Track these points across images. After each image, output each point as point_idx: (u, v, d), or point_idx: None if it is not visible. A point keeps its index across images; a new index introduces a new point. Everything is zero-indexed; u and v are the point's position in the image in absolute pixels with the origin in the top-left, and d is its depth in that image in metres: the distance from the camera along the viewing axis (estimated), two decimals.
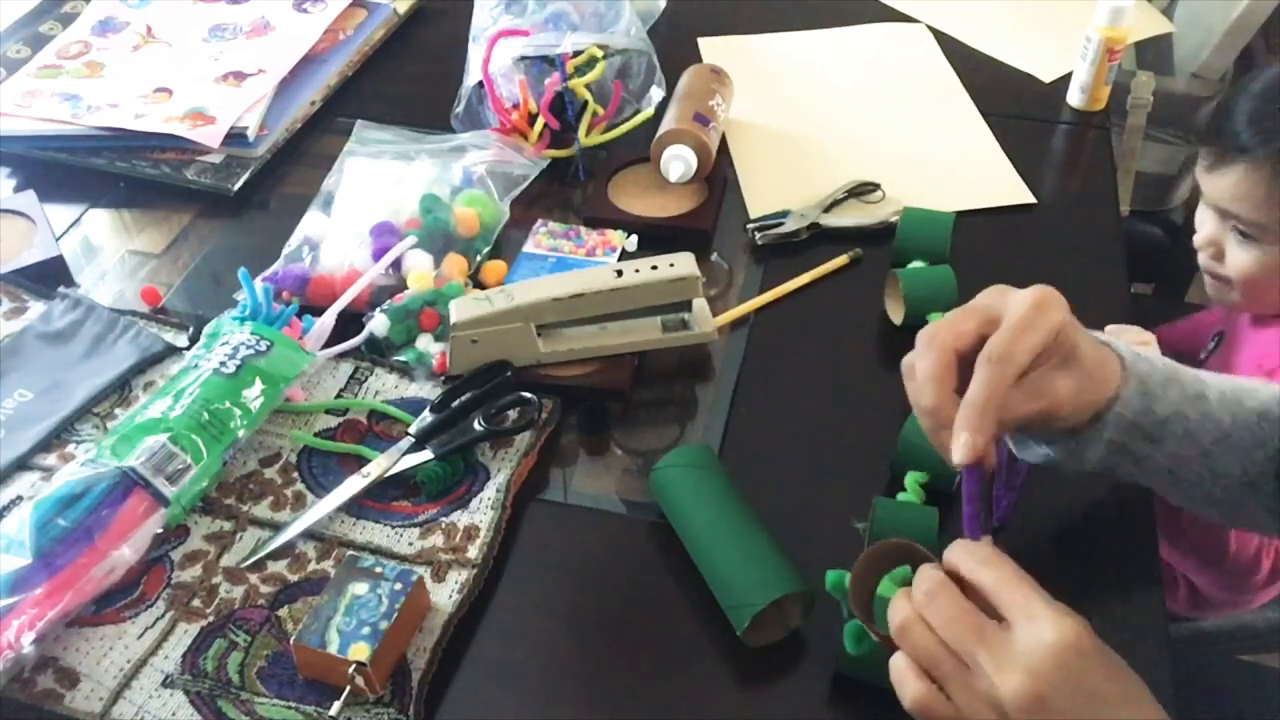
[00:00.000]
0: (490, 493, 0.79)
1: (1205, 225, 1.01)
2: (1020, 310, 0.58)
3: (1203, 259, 1.02)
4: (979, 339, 0.59)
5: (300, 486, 0.80)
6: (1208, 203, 0.99)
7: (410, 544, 0.76)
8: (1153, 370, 0.65)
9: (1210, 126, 0.97)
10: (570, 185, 1.08)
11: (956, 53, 1.25)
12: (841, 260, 0.98)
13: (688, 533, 0.74)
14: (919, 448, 0.77)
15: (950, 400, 0.58)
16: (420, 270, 0.93)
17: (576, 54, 1.06)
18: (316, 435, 0.83)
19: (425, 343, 0.89)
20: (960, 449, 0.57)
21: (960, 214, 0.97)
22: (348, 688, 0.65)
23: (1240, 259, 0.98)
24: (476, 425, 0.81)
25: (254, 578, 0.74)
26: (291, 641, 0.67)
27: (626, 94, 1.11)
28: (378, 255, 0.93)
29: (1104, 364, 0.63)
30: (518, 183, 1.03)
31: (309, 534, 0.77)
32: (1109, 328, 0.92)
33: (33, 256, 0.99)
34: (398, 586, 0.68)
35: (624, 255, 0.98)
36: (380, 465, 0.80)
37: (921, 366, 0.59)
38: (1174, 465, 0.66)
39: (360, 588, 0.69)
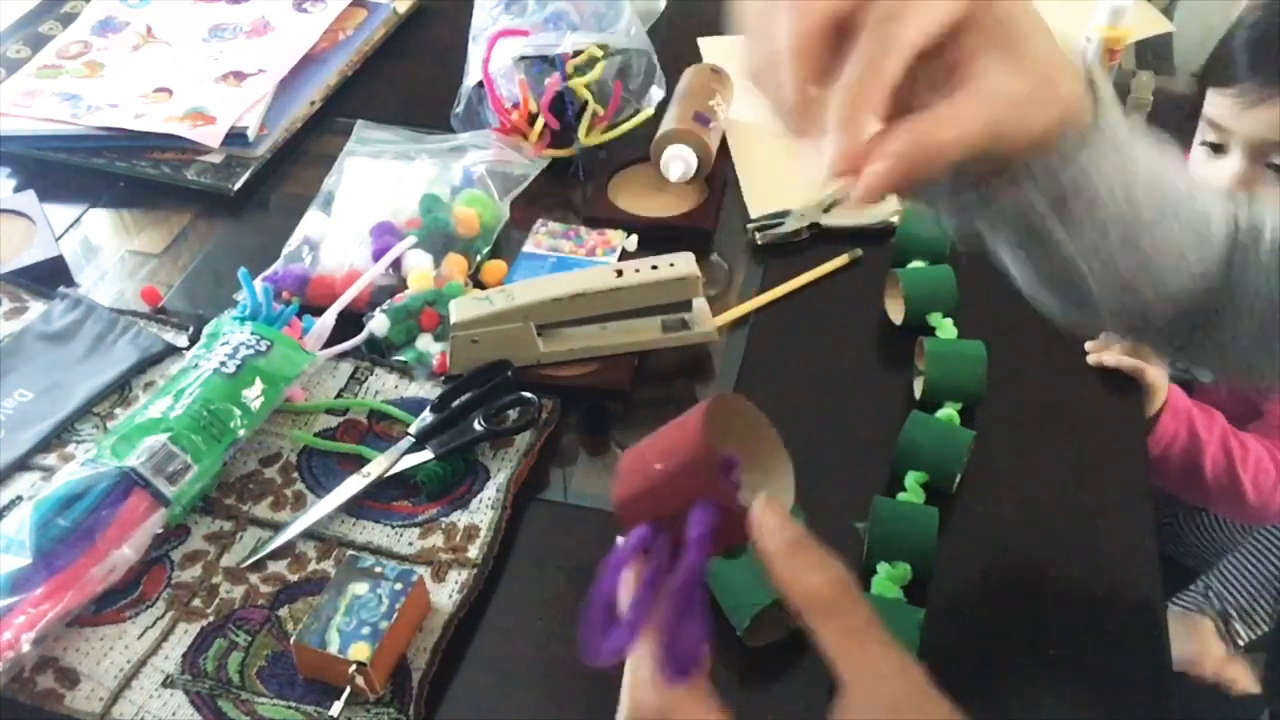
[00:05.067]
0: (490, 493, 0.79)
1: (1230, 169, 1.00)
2: None
3: None
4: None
5: (300, 486, 0.80)
6: (1246, 142, 0.98)
7: (410, 544, 0.76)
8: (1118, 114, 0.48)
9: (1236, 63, 0.97)
10: (570, 185, 1.07)
11: None
12: (841, 260, 0.97)
13: None
14: (919, 448, 0.77)
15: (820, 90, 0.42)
16: (420, 270, 0.93)
17: (576, 54, 1.06)
18: (317, 435, 0.83)
19: (425, 343, 0.89)
20: (831, 156, 0.41)
21: None
22: (348, 688, 0.65)
23: None
24: (476, 425, 0.81)
25: (254, 578, 0.74)
26: (291, 641, 0.67)
27: (626, 94, 1.11)
28: (378, 255, 0.93)
29: (1059, 73, 0.46)
30: (518, 183, 1.03)
31: (309, 534, 0.77)
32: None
33: (33, 256, 0.99)
34: (398, 586, 0.68)
35: (624, 255, 0.98)
36: (380, 465, 0.80)
37: (785, 34, 0.41)
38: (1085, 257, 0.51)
39: (360, 588, 0.69)
